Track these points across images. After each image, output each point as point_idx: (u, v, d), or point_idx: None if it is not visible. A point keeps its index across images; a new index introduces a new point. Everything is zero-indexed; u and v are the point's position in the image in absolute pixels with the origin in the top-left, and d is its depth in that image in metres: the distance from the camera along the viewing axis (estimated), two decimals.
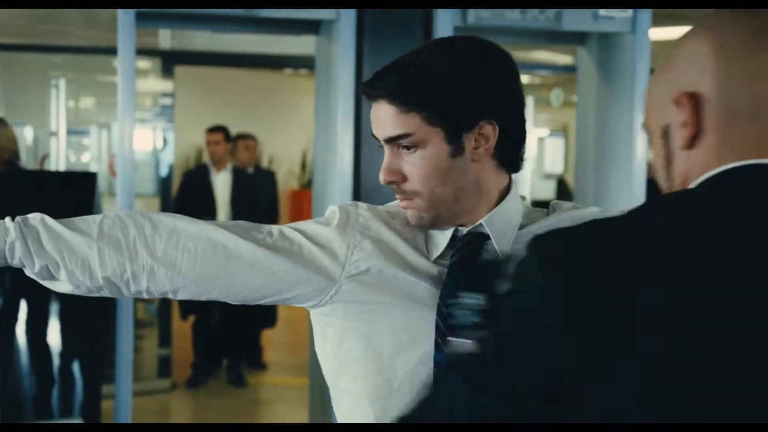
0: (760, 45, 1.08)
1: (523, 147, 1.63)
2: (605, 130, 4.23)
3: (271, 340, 7.68)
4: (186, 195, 6.82)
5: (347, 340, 1.59)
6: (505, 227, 1.60)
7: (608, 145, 4.20)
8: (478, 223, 1.58)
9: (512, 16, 3.84)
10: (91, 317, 4.06)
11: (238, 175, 6.85)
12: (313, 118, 4.38)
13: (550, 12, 3.84)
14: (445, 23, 3.78)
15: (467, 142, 1.54)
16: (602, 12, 3.89)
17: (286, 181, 11.93)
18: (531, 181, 5.58)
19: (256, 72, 11.26)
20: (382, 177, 1.55)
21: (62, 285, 1.54)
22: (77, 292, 1.55)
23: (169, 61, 7.39)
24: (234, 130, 7.12)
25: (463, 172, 1.56)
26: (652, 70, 4.02)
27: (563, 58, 7.74)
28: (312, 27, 4.15)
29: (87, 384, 4.06)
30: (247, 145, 7.21)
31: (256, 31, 4.39)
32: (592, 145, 4.36)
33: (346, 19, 3.78)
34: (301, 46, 6.19)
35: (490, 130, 1.55)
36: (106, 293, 1.55)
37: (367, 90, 1.55)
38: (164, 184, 7.25)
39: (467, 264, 1.57)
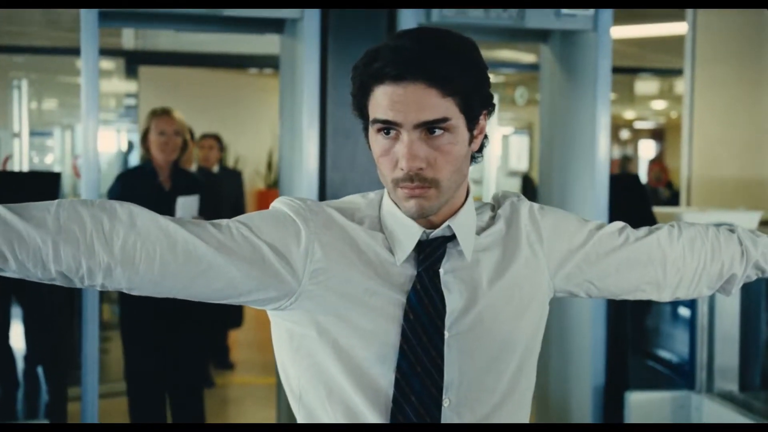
0: None
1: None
2: (568, 127, 4.27)
3: (238, 339, 7.65)
4: None
5: (308, 345, 1.56)
6: (469, 229, 1.58)
7: (571, 142, 4.24)
8: (445, 225, 1.55)
9: (476, 14, 3.87)
10: (54, 319, 4.03)
11: (203, 175, 6.82)
12: (279, 117, 4.38)
13: (513, 10, 3.87)
14: (408, 22, 3.79)
15: (480, 125, 1.54)
16: (564, 10, 3.93)
17: (252, 182, 11.91)
18: (496, 178, 5.61)
19: (220, 72, 11.23)
20: (407, 164, 1.46)
21: (10, 274, 1.44)
22: (27, 279, 1.45)
23: (133, 62, 7.36)
24: (199, 131, 7.10)
25: (466, 163, 1.55)
26: (614, 69, 4.06)
27: (527, 57, 7.78)
28: (276, 26, 4.15)
29: (52, 386, 4.02)
30: (210, 145, 7.18)
31: (220, 31, 4.39)
32: (556, 142, 4.40)
33: (310, 17, 3.78)
34: (265, 46, 6.18)
35: (485, 122, 1.54)
36: (57, 283, 1.46)
37: (400, 70, 1.45)
38: None
39: (435, 270, 1.54)
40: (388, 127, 1.47)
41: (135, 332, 4.58)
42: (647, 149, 22.40)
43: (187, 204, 4.48)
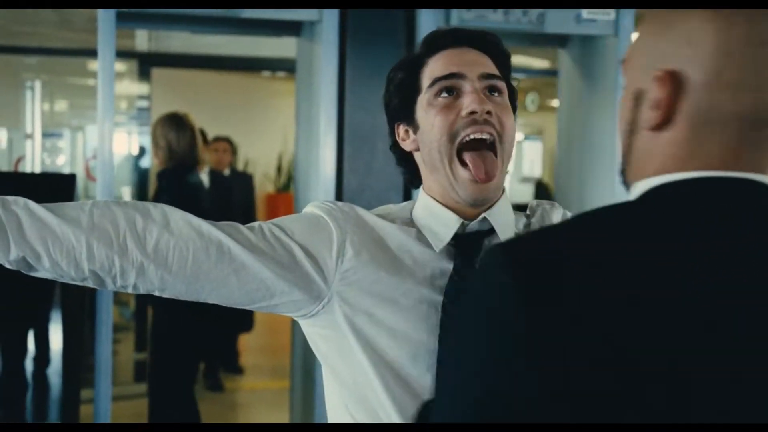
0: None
1: None
2: (587, 133, 4.23)
3: (248, 343, 7.63)
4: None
5: (343, 347, 1.54)
6: (507, 224, 1.57)
7: (591, 149, 4.20)
8: (482, 217, 1.54)
9: (495, 17, 3.83)
10: (67, 322, 4.01)
11: (215, 178, 6.80)
12: (295, 120, 4.35)
13: (533, 14, 3.84)
14: (428, 24, 3.76)
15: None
16: (585, 14, 3.89)
17: (262, 185, 11.88)
18: (510, 184, 5.57)
19: (233, 75, 11.21)
20: (479, 105, 1.48)
21: (43, 273, 1.45)
22: (59, 279, 1.47)
23: (146, 64, 7.33)
24: (210, 133, 7.07)
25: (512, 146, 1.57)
26: None
27: (539, 63, 7.75)
28: (293, 28, 4.12)
29: (65, 388, 4.00)
30: (223, 148, 7.16)
31: (237, 32, 4.36)
32: (575, 148, 4.36)
33: (329, 19, 3.75)
34: (279, 49, 6.15)
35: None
36: (89, 284, 1.47)
37: (455, 39, 1.56)
38: (141, 186, 7.19)
39: (473, 263, 1.52)
40: (449, 85, 1.51)
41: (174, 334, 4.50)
42: None
43: None
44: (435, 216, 1.54)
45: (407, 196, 3.80)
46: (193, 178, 4.56)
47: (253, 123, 11.77)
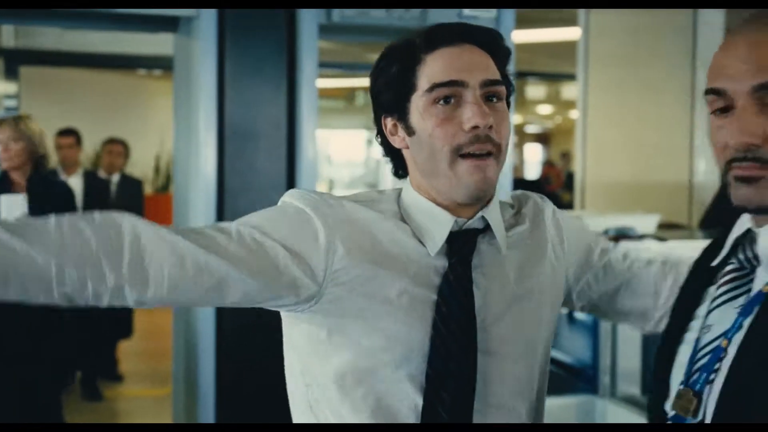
0: None
1: None
2: None
3: (127, 349, 7.42)
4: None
5: (326, 348, 1.48)
6: (500, 222, 1.53)
7: None
8: (479, 216, 1.49)
9: (377, 14, 3.80)
10: None
11: (90, 180, 6.58)
12: (173, 119, 4.22)
13: (416, 11, 3.82)
14: (309, 20, 3.70)
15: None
16: (466, 12, 3.89)
17: None
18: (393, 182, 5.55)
19: (107, 73, 10.92)
20: (481, 120, 1.42)
21: (9, 299, 1.32)
22: (25, 302, 1.34)
23: (13, 61, 7.06)
24: (85, 135, 6.85)
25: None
26: (517, 74, 4.04)
27: None
28: (170, 24, 3.99)
29: None
30: (117, 151, 6.95)
31: (111, 28, 4.21)
32: None
33: (207, 15, 3.64)
34: (155, 46, 6.00)
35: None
36: (56, 303, 1.35)
37: (455, 34, 1.47)
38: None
39: (468, 261, 1.48)
40: (449, 93, 1.44)
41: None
42: (534, 153, 22.86)
43: (10, 203, 4.20)
44: (428, 214, 1.49)
45: None
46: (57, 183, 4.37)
47: (129, 122, 11.49)
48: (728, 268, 1.34)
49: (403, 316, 1.44)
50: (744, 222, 1.33)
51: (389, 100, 1.50)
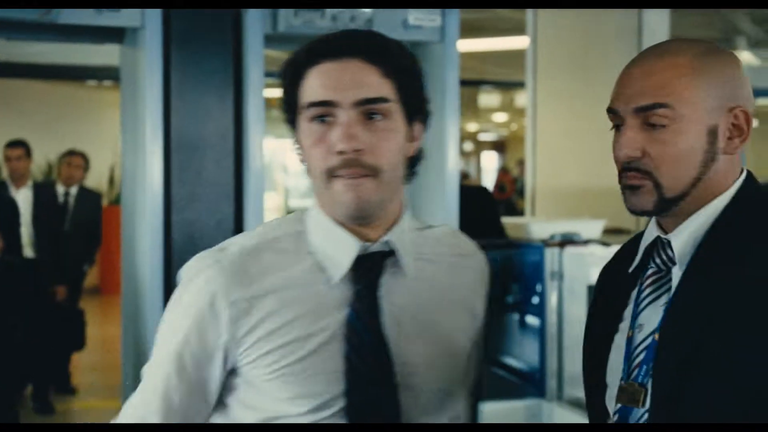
0: None
1: None
2: None
3: (80, 361, 7.34)
4: None
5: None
6: (408, 245, 1.49)
7: None
8: (384, 240, 1.45)
9: (322, 24, 3.80)
10: None
11: (40, 192, 6.52)
12: (120, 130, 4.20)
13: (361, 19, 3.83)
14: (255, 28, 3.71)
15: (415, 131, 1.48)
16: (411, 20, 3.91)
17: None
18: None
19: (57, 84, 10.81)
20: (346, 144, 1.36)
21: None
22: None
23: None
24: (35, 147, 6.79)
25: (403, 164, 1.46)
26: (464, 82, 4.07)
27: None
28: (116, 35, 3.97)
29: None
30: (76, 163, 6.89)
31: (55, 40, 4.17)
32: None
33: (152, 25, 3.64)
34: (105, 57, 5.97)
35: (421, 130, 1.49)
36: None
37: (337, 45, 1.40)
38: None
39: (375, 285, 1.44)
40: (322, 113, 1.39)
41: None
42: (490, 161, 22.97)
43: None
44: (332, 240, 1.45)
45: (239, 206, 3.73)
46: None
47: (81, 134, 11.39)
48: (649, 272, 1.46)
49: (316, 361, 1.41)
50: (652, 231, 1.47)
51: (285, 114, 1.47)
